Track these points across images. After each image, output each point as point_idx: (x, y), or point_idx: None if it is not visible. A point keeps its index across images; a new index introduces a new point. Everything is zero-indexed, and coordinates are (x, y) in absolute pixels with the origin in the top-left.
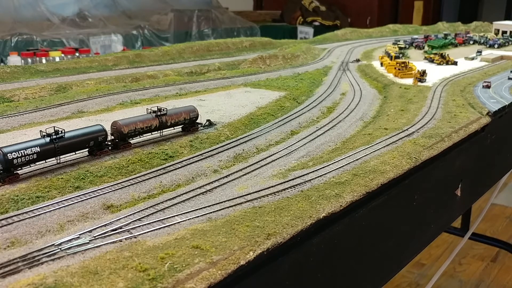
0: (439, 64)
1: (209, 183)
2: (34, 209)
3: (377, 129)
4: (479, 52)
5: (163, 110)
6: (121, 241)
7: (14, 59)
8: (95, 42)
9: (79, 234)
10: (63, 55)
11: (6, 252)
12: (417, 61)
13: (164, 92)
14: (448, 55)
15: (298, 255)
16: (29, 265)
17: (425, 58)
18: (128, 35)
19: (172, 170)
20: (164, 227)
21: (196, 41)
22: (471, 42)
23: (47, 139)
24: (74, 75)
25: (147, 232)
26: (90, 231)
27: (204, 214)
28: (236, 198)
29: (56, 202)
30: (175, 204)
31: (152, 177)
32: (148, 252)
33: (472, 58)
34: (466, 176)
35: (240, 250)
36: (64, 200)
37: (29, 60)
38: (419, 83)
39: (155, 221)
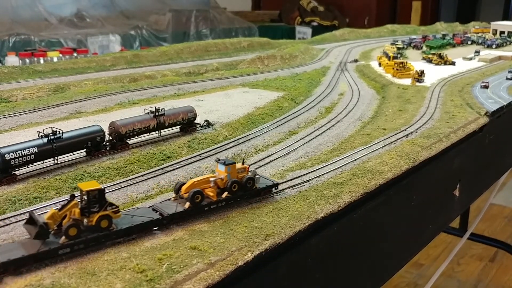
0: (437, 64)
1: None
2: (31, 210)
3: (375, 129)
4: (477, 52)
5: (161, 110)
6: (119, 241)
7: (12, 59)
8: (93, 42)
9: None
10: (61, 55)
11: None
12: (415, 61)
13: (162, 92)
14: (446, 55)
15: (296, 256)
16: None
17: (423, 58)
18: (126, 35)
19: (170, 171)
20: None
21: (194, 41)
22: (469, 43)
23: (45, 140)
24: (72, 75)
25: (145, 232)
26: None
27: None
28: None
29: (54, 203)
30: None
31: (150, 178)
32: (146, 253)
33: (470, 58)
34: (465, 176)
35: (238, 251)
36: (61, 201)
37: (27, 60)
38: (417, 83)
39: None
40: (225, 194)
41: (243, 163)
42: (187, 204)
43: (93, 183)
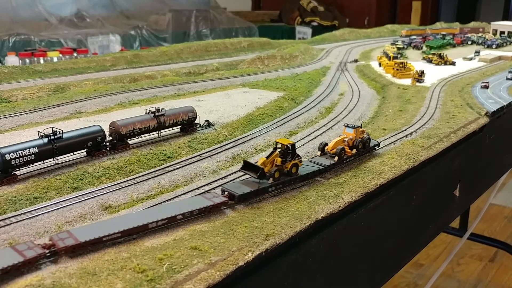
0: (437, 64)
1: (208, 183)
2: (32, 210)
3: (375, 129)
4: (477, 52)
5: (162, 110)
6: (119, 241)
7: (12, 59)
8: (93, 42)
9: None
10: (61, 55)
11: None
12: (415, 62)
13: (162, 92)
14: (446, 55)
15: (296, 256)
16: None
17: (423, 59)
18: (126, 35)
19: (170, 171)
20: (162, 227)
21: (194, 42)
22: (469, 43)
23: (45, 140)
24: (72, 75)
25: (145, 232)
26: None
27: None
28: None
29: (54, 203)
30: None
31: (150, 178)
32: (147, 253)
33: (470, 59)
34: (465, 176)
35: (239, 251)
36: (62, 201)
37: (27, 60)
38: (418, 84)
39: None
40: (354, 150)
41: (360, 127)
42: (336, 158)
43: (287, 140)
